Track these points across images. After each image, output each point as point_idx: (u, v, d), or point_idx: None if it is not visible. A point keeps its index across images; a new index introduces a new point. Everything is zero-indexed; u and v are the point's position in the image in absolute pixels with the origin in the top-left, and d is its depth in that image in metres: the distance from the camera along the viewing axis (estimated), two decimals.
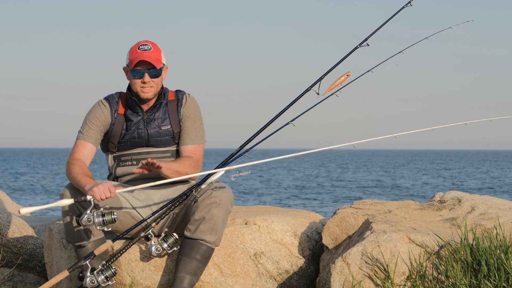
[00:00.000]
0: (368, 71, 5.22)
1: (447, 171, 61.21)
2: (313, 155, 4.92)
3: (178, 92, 5.05)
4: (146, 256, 4.96)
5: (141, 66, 4.88)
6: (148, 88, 4.90)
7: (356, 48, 5.22)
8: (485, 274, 4.58)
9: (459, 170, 63.82)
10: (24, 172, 54.16)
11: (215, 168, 4.92)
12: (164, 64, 4.95)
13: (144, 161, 4.74)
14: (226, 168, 4.84)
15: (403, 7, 5.35)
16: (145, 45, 4.92)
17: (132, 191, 4.91)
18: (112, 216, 4.57)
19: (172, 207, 4.84)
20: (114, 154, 5.02)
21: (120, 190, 4.68)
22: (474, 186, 41.31)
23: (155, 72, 4.89)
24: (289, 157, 4.87)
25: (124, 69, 4.98)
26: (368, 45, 5.23)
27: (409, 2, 5.36)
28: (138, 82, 4.90)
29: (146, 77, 4.88)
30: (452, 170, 63.11)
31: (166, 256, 4.97)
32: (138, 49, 4.91)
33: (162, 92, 4.99)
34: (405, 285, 4.67)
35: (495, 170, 62.88)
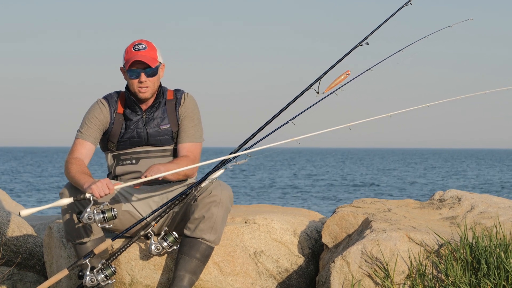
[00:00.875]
0: (367, 70, 5.21)
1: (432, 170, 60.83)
2: (308, 139, 4.91)
3: (177, 91, 5.05)
4: (146, 255, 4.96)
5: (136, 66, 4.87)
6: (145, 88, 4.89)
7: (356, 47, 5.21)
8: (485, 272, 4.58)
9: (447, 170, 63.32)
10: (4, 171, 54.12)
11: (214, 167, 4.91)
12: (160, 63, 4.94)
13: (143, 176, 4.71)
14: (223, 157, 4.84)
15: (403, 6, 5.35)
16: (140, 44, 4.91)
17: (130, 188, 4.91)
18: (113, 213, 4.57)
19: (172, 206, 4.84)
20: (114, 153, 5.01)
21: (118, 186, 4.68)
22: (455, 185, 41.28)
23: (151, 71, 4.88)
24: (285, 143, 4.85)
25: (121, 69, 4.98)
26: (368, 44, 5.22)
27: (409, 0, 5.35)
28: (135, 82, 4.89)
29: (143, 76, 4.87)
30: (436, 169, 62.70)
31: (165, 255, 4.97)
32: (133, 49, 4.90)
33: (161, 91, 4.99)
34: (404, 283, 4.67)
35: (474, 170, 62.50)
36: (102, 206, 4.58)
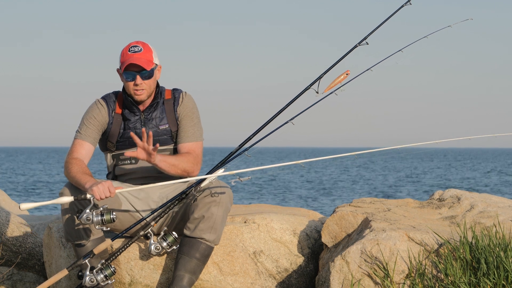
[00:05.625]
0: (367, 70, 5.22)
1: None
2: (314, 161, 4.92)
3: (174, 91, 5.05)
4: (146, 254, 4.96)
5: (132, 68, 4.86)
6: (141, 90, 4.89)
7: (355, 46, 5.22)
8: (484, 272, 4.58)
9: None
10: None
11: (214, 167, 4.91)
12: (156, 64, 4.93)
13: (144, 129, 4.70)
14: (221, 174, 4.83)
15: (402, 6, 5.35)
16: (136, 46, 4.90)
17: (131, 190, 4.91)
18: (111, 216, 4.56)
19: (172, 206, 4.84)
20: (113, 153, 5.01)
21: (120, 190, 4.67)
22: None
23: (147, 73, 4.87)
24: (289, 164, 4.87)
25: (117, 71, 4.97)
26: (368, 44, 5.23)
27: (409, 0, 5.36)
28: (130, 84, 4.89)
29: (138, 79, 4.87)
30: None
31: (165, 255, 4.97)
32: (129, 51, 4.88)
33: (159, 91, 4.98)
34: (404, 283, 4.67)
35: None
36: (101, 208, 4.58)
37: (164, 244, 4.81)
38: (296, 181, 43.36)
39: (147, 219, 4.86)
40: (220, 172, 4.87)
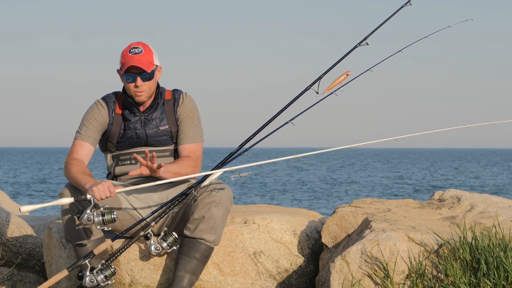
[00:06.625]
0: (367, 70, 5.22)
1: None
2: (311, 156, 4.93)
3: (175, 92, 5.05)
4: (146, 255, 4.96)
5: (132, 70, 4.86)
6: (141, 92, 4.89)
7: (355, 47, 5.22)
8: (484, 272, 4.58)
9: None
10: None
11: (214, 168, 4.92)
12: (156, 66, 4.93)
13: (147, 150, 4.71)
14: (225, 169, 4.84)
15: (402, 6, 5.35)
16: (136, 48, 4.90)
17: (131, 190, 4.91)
18: (112, 216, 4.56)
19: (172, 206, 4.84)
20: (113, 154, 5.02)
21: (120, 189, 4.67)
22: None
23: (147, 75, 4.88)
24: (288, 159, 4.87)
25: (117, 71, 4.97)
26: (368, 44, 5.23)
27: (409, 1, 5.36)
28: (131, 86, 4.89)
29: (138, 81, 4.87)
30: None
31: (165, 255, 4.97)
32: (129, 52, 4.88)
33: (159, 92, 4.99)
34: (404, 283, 4.67)
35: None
36: (102, 208, 4.58)
37: (164, 244, 4.81)
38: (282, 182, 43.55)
39: (147, 220, 4.86)
40: (220, 173, 4.86)
